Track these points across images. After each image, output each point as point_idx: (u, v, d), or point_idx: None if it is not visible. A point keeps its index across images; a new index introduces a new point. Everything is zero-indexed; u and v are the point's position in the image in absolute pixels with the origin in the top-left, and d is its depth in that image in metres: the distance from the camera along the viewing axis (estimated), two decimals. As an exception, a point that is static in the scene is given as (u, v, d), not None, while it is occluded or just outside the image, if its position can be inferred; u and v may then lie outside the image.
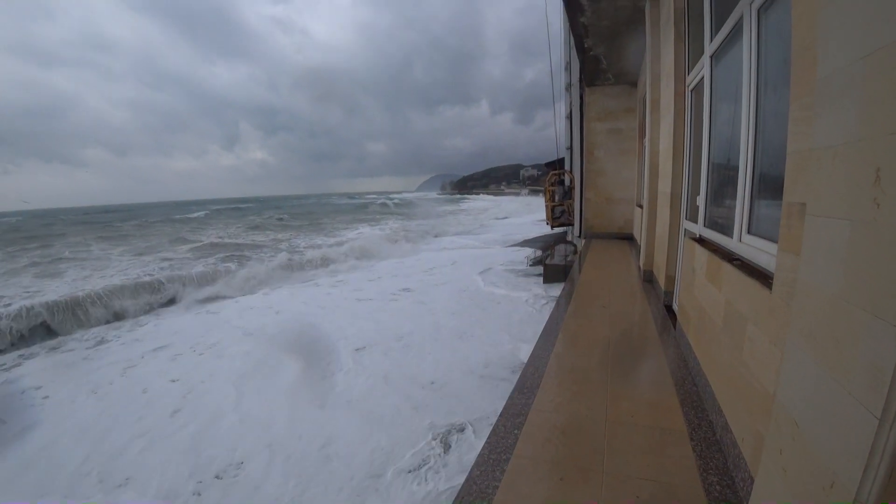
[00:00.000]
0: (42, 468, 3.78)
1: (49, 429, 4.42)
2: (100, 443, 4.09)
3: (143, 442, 4.05)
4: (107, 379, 5.61)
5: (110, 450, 3.96)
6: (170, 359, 6.20)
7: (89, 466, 3.74)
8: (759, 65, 2.28)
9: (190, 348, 6.57)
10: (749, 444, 1.92)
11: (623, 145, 10.55)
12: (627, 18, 6.46)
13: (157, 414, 4.56)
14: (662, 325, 4.26)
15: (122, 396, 5.10)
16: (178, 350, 6.55)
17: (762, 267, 2.11)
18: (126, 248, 19.21)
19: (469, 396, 4.38)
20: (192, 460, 3.69)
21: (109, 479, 3.57)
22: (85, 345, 7.36)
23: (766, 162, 2.24)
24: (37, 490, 3.51)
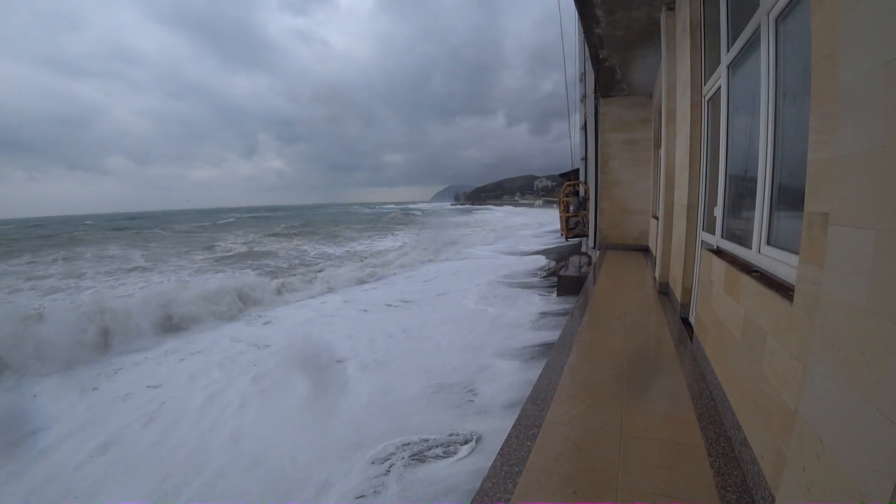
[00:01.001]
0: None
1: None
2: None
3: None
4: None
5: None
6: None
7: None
8: (777, 74, 2.25)
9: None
10: (769, 461, 1.86)
11: (638, 156, 10.47)
12: (642, 29, 6.45)
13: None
14: (679, 338, 4.18)
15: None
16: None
17: (782, 279, 2.07)
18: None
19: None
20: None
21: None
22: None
23: (786, 172, 2.20)
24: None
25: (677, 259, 5.07)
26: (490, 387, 4.94)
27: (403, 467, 3.56)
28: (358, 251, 20.81)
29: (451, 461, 3.60)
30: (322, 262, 16.30)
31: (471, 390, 4.89)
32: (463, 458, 3.63)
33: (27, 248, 24.66)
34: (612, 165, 10.83)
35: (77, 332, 6.88)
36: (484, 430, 4.00)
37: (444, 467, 3.53)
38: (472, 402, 4.63)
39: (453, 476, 3.40)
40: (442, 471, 3.49)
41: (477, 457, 3.60)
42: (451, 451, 3.74)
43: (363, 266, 13.81)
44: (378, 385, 5.22)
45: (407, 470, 3.53)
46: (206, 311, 8.58)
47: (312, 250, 21.92)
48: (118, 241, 27.09)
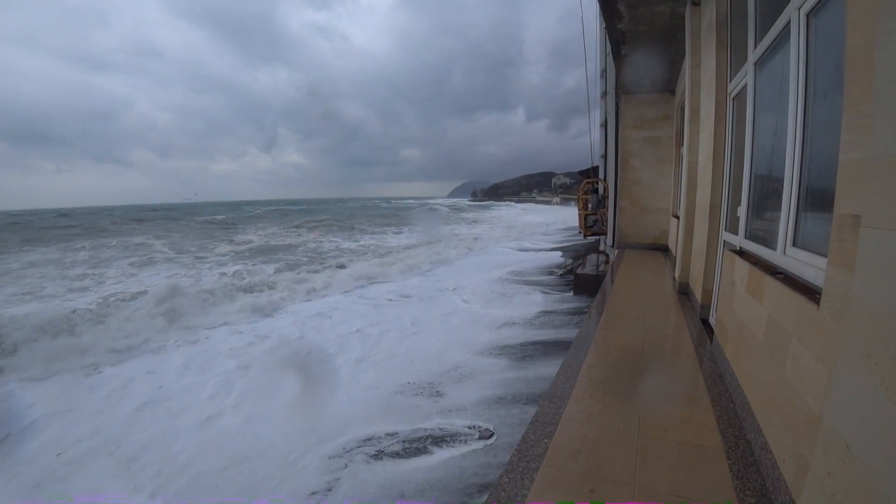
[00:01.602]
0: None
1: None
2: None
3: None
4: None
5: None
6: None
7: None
8: (807, 71, 2.20)
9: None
10: (791, 466, 1.83)
11: (659, 154, 10.32)
12: (666, 25, 6.34)
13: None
14: (698, 339, 4.13)
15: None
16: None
17: (808, 281, 2.02)
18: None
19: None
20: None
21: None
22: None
23: (814, 172, 2.15)
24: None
25: (698, 259, 5.00)
26: (468, 385, 5.00)
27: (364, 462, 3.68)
28: (385, 245, 20.85)
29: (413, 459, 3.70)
30: (344, 257, 16.44)
31: (437, 391, 4.90)
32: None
33: (86, 235, 25.97)
34: (633, 163, 10.69)
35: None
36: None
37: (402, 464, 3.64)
38: (439, 400, 4.69)
39: (405, 474, 3.51)
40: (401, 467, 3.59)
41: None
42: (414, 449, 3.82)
43: (382, 263, 13.85)
44: (350, 380, 5.32)
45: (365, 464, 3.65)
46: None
47: (330, 244, 22.19)
48: (165, 233, 27.66)
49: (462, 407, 4.46)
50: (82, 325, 7.36)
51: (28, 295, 10.73)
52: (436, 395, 4.79)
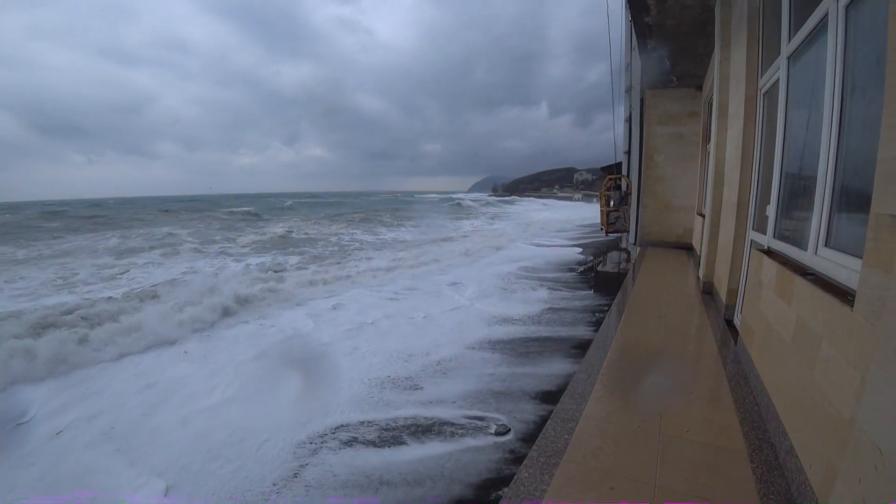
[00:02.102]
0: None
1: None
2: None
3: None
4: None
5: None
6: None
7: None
8: (844, 66, 2.13)
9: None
10: (818, 472, 1.80)
11: (685, 150, 10.11)
12: (695, 18, 6.19)
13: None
14: (722, 340, 4.06)
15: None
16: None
17: (841, 283, 1.97)
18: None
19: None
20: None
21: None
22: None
23: (850, 170, 2.09)
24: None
25: (724, 258, 4.91)
26: (454, 379, 5.08)
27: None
28: (403, 240, 21.00)
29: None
30: (365, 251, 16.69)
31: (415, 385, 4.97)
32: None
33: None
34: (657, 160, 10.49)
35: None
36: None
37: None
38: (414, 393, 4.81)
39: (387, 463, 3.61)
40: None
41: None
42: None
43: (397, 259, 13.94)
44: (331, 373, 5.39)
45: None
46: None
47: (348, 235, 22.48)
48: (193, 223, 28.54)
49: (442, 399, 4.59)
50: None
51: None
52: (414, 388, 4.92)
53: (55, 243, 18.94)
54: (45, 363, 5.54)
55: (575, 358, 5.36)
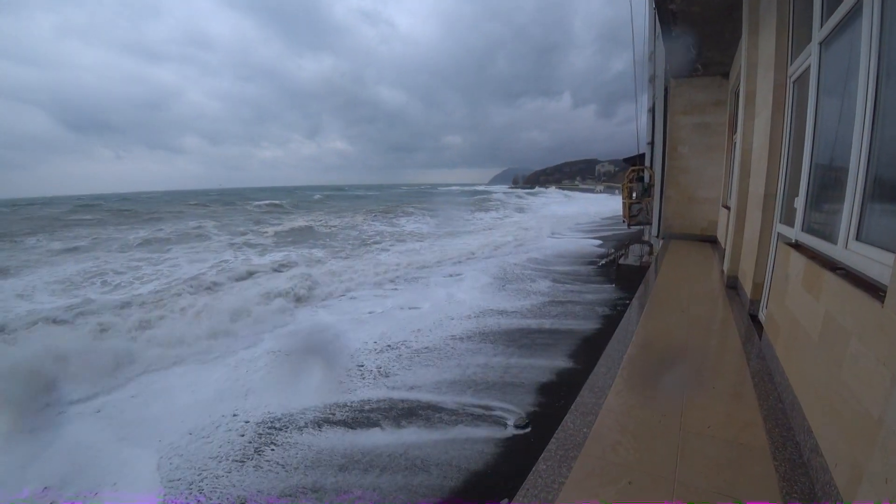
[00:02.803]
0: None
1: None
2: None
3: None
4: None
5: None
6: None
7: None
8: (880, 52, 2.04)
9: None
10: (843, 471, 1.76)
11: (710, 141, 9.85)
12: (722, 3, 6.00)
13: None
14: (746, 335, 3.97)
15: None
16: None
17: (872, 278, 1.91)
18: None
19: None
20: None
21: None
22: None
23: (884, 161, 2.01)
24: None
25: (749, 252, 4.79)
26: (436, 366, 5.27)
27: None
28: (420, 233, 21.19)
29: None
30: (383, 242, 17.01)
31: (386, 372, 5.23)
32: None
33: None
34: (681, 151, 10.25)
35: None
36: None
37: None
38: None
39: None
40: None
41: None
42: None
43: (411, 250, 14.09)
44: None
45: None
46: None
47: (373, 228, 22.77)
48: (223, 217, 29.42)
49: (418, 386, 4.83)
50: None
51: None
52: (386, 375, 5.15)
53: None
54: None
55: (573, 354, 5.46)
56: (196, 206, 38.60)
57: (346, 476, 3.40)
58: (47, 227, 23.15)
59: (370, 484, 3.30)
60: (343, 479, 3.36)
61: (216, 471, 3.52)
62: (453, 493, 3.17)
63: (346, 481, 3.34)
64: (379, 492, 3.22)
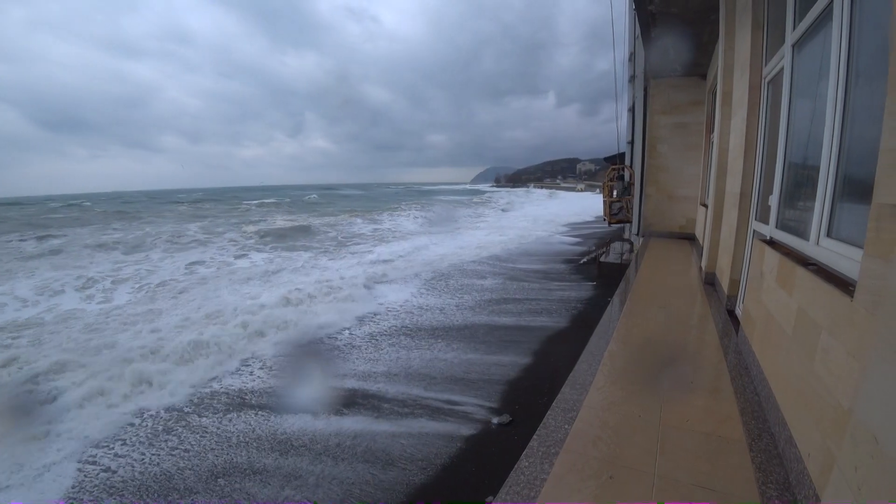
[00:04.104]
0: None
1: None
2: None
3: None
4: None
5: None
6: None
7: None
8: (849, 54, 2.10)
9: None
10: (816, 461, 1.81)
11: (688, 140, 10.04)
12: (699, 6, 6.12)
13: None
14: (724, 330, 4.06)
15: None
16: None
17: (842, 273, 1.96)
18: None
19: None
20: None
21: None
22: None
23: (853, 160, 2.07)
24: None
25: (726, 249, 4.90)
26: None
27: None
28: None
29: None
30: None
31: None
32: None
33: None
34: (660, 150, 10.43)
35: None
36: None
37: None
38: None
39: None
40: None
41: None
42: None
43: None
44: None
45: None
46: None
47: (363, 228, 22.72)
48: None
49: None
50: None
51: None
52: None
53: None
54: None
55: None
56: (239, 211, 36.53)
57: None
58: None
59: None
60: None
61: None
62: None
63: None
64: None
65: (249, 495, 3.34)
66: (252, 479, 3.50)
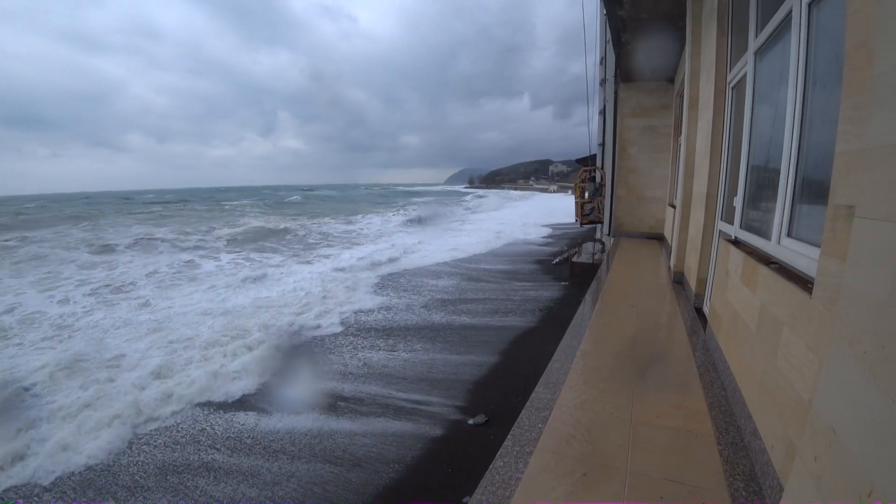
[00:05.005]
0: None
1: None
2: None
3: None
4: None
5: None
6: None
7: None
8: (807, 62, 2.19)
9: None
10: (779, 452, 1.88)
11: (657, 143, 10.30)
12: (667, 12, 6.29)
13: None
14: (692, 328, 4.17)
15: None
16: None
17: (801, 271, 2.05)
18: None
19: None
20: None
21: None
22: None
23: (811, 163, 2.16)
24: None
25: (693, 248, 5.03)
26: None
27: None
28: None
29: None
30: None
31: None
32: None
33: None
34: (630, 152, 10.67)
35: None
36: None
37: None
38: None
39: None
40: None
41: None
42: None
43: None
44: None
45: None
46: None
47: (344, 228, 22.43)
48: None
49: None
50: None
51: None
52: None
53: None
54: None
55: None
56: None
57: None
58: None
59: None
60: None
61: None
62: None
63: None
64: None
65: (203, 492, 3.31)
66: (205, 476, 3.49)
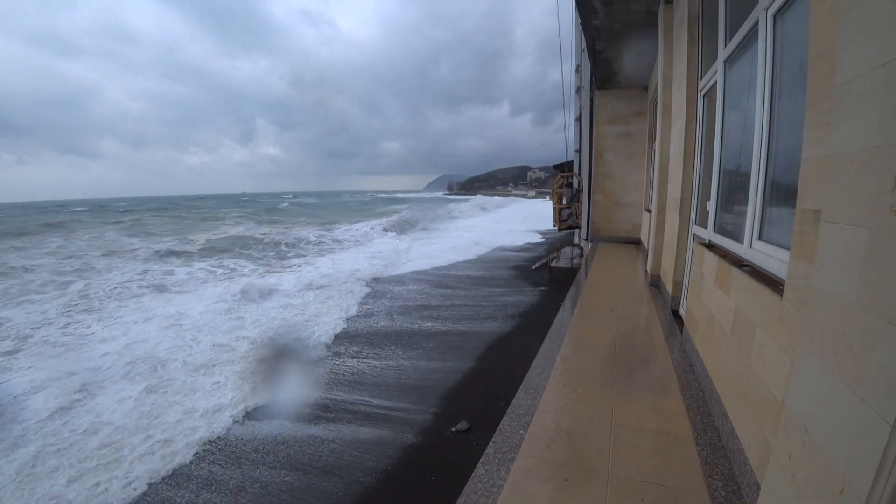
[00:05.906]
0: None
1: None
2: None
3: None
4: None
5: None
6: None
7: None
8: (773, 71, 2.27)
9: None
10: (755, 451, 1.92)
11: (632, 149, 10.50)
12: (640, 21, 6.43)
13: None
14: (669, 330, 4.24)
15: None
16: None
17: (773, 273, 2.11)
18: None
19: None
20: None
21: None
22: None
23: (779, 168, 2.23)
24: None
25: (669, 252, 5.13)
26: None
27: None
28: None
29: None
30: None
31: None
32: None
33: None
34: (606, 158, 10.85)
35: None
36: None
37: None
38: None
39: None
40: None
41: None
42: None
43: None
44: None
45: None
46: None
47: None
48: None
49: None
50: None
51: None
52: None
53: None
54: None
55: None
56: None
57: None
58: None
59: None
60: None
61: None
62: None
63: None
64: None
65: (165, 499, 3.27)
66: (168, 482, 3.47)
